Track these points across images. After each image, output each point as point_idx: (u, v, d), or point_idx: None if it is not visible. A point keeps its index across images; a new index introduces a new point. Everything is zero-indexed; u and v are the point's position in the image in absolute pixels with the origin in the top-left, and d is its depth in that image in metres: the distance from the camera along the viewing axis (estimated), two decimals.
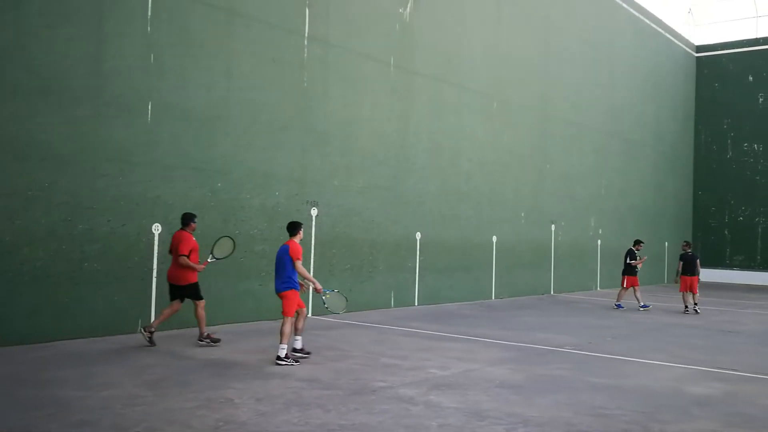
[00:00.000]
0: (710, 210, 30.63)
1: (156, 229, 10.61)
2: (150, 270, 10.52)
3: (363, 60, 14.36)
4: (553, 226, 20.66)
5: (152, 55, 10.58)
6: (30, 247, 9.16)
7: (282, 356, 8.43)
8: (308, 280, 8.84)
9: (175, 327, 10.75)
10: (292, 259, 8.65)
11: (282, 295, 8.75)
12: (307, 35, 13.13)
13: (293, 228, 9.02)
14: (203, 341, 9.52)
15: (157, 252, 10.60)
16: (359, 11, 14.33)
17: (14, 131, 9.04)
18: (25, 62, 9.15)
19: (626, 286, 16.91)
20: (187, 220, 9.71)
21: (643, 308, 16.45)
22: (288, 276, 8.69)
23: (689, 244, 17.34)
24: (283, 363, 8.37)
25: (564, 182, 21.25)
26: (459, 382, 7.73)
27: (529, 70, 19.64)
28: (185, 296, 9.58)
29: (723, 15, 31.25)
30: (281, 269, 8.76)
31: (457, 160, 16.98)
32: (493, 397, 7.08)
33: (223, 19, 11.66)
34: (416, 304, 15.46)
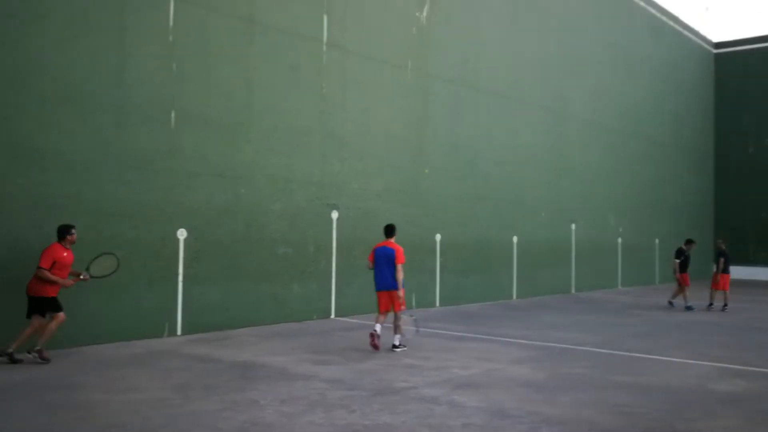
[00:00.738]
0: (732, 206, 30.31)
1: (180, 235, 10.77)
2: (175, 275, 10.67)
3: (380, 64, 14.46)
4: (573, 225, 20.61)
5: (174, 64, 10.75)
6: None
7: (396, 345, 9.73)
8: (400, 284, 9.77)
9: (200, 331, 10.91)
10: (396, 262, 9.72)
11: (394, 293, 9.79)
12: (325, 41, 13.25)
13: (393, 230, 10.18)
14: (31, 354, 8.46)
15: (182, 257, 10.75)
16: (376, 16, 14.43)
17: (40, 141, 9.24)
18: (50, 73, 9.35)
19: (687, 284, 16.40)
20: (62, 233, 8.72)
21: (689, 309, 16.07)
22: (394, 275, 9.76)
23: (725, 241, 17.14)
24: (398, 350, 9.66)
25: (583, 181, 21.20)
26: (481, 382, 7.77)
27: (546, 70, 19.62)
28: (45, 310, 8.60)
29: (740, 11, 30.97)
30: (388, 268, 9.78)
31: (475, 162, 17.01)
32: (516, 396, 7.12)
33: (243, 28, 11.81)
34: (437, 305, 15.51)
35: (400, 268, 9.76)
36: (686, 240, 17.32)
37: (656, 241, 25.28)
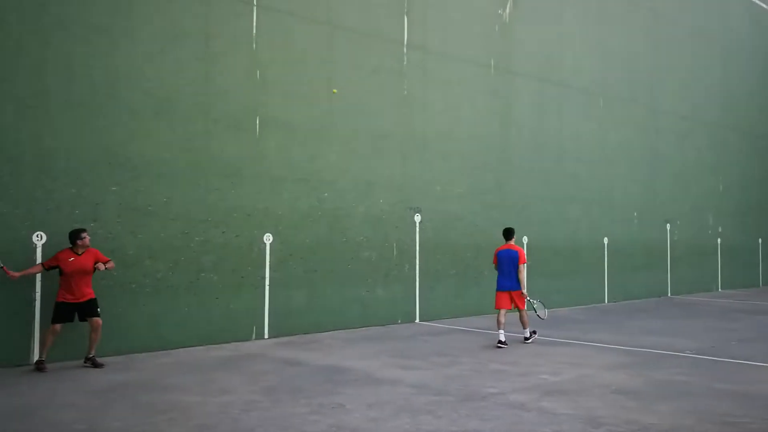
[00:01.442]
0: None
1: (267, 239, 10.94)
2: (263, 278, 10.85)
3: (462, 64, 14.29)
4: (669, 226, 19.76)
5: (258, 72, 10.95)
6: (151, 260, 9.67)
7: (528, 336, 10.69)
8: (522, 283, 10.59)
9: (287, 334, 11.05)
10: (519, 263, 10.52)
11: (516, 294, 10.55)
12: (406, 43, 13.20)
13: (513, 233, 11.00)
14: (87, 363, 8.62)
15: (269, 261, 10.92)
16: (457, 15, 14.28)
17: (132, 150, 9.59)
18: (141, 85, 9.70)
19: None
20: (72, 238, 8.64)
21: None
22: (517, 276, 10.54)
23: None
24: (530, 341, 10.63)
25: (678, 179, 20.29)
26: (572, 388, 7.49)
27: (636, 64, 18.90)
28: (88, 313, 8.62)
29: None
30: (511, 270, 10.57)
31: (562, 161, 16.55)
32: (609, 404, 6.81)
33: (325, 33, 11.91)
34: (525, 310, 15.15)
35: (523, 268, 10.57)
36: None
37: (759, 241, 23.92)
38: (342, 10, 12.19)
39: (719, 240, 21.90)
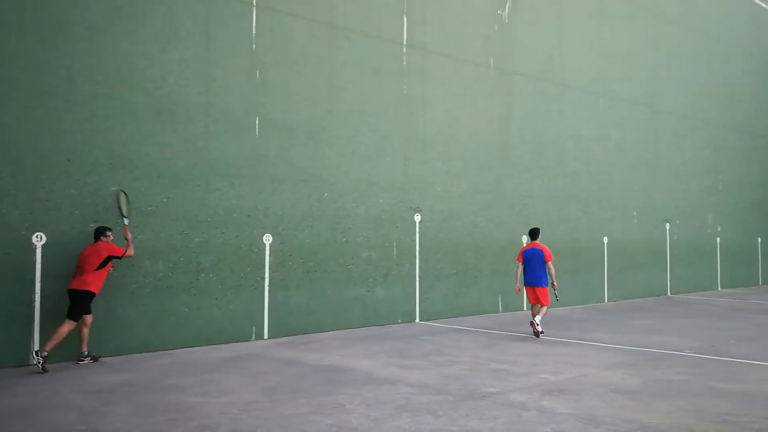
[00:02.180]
0: None
1: (267, 240, 10.95)
2: (262, 279, 10.87)
3: (462, 64, 14.31)
4: (668, 225, 19.78)
5: (258, 72, 10.97)
6: (151, 260, 9.68)
7: (538, 324, 11.19)
8: (553, 278, 11.49)
9: (287, 334, 11.07)
10: (547, 260, 11.37)
11: (542, 290, 11.43)
12: (406, 43, 13.22)
13: (538, 232, 11.89)
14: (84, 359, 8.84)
15: (268, 262, 10.94)
16: (456, 15, 14.29)
17: (133, 151, 9.61)
18: (142, 86, 9.71)
19: None
20: (98, 234, 8.92)
21: None
22: (544, 273, 11.41)
23: None
24: (539, 329, 11.18)
25: (678, 178, 20.31)
26: (572, 388, 7.51)
27: (636, 64, 18.92)
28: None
29: None
30: (539, 267, 11.41)
31: (563, 160, 16.57)
32: (609, 403, 6.83)
33: (325, 33, 11.93)
34: (525, 309, 15.18)
35: (551, 265, 11.47)
36: None
37: (758, 240, 23.94)
38: (342, 11, 12.20)
39: (718, 239, 21.92)
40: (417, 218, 13.25)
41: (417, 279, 13.19)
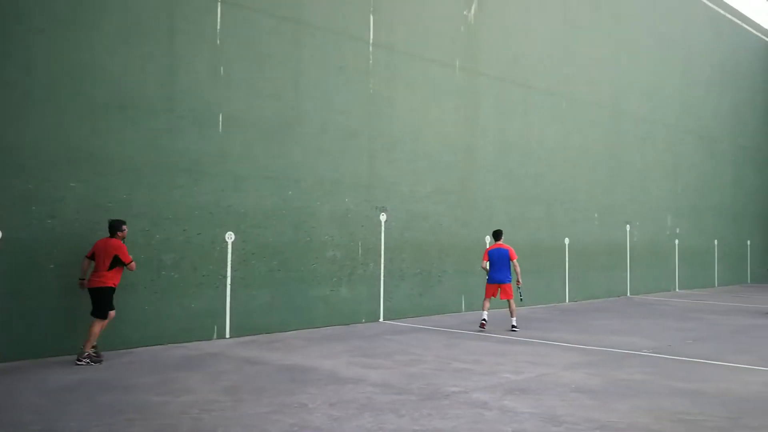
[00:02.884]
0: None
1: (229, 238, 10.85)
2: (224, 277, 10.76)
3: (428, 64, 14.35)
4: (628, 227, 20.11)
5: (222, 68, 10.85)
6: None
7: (515, 325, 12.09)
8: (518, 275, 12.24)
9: (249, 333, 10.98)
10: (512, 259, 12.07)
11: (507, 285, 12.08)
12: (372, 42, 13.21)
13: (501, 233, 12.52)
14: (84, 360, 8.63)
15: (230, 260, 10.83)
16: (423, 16, 14.33)
17: (94, 146, 9.42)
18: (104, 79, 9.53)
19: None
20: (113, 229, 8.95)
21: None
22: (509, 271, 12.09)
23: None
24: (516, 329, 11.99)
25: (638, 181, 20.67)
26: (533, 387, 7.59)
27: (599, 67, 19.20)
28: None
29: None
30: (505, 265, 12.06)
31: (526, 162, 16.73)
32: (569, 402, 6.91)
33: (290, 30, 11.85)
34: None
35: (517, 263, 12.17)
36: None
37: (715, 243, 24.49)
38: (308, 8, 12.14)
39: (677, 241, 22.36)
40: (383, 218, 13.25)
41: (382, 278, 13.19)
